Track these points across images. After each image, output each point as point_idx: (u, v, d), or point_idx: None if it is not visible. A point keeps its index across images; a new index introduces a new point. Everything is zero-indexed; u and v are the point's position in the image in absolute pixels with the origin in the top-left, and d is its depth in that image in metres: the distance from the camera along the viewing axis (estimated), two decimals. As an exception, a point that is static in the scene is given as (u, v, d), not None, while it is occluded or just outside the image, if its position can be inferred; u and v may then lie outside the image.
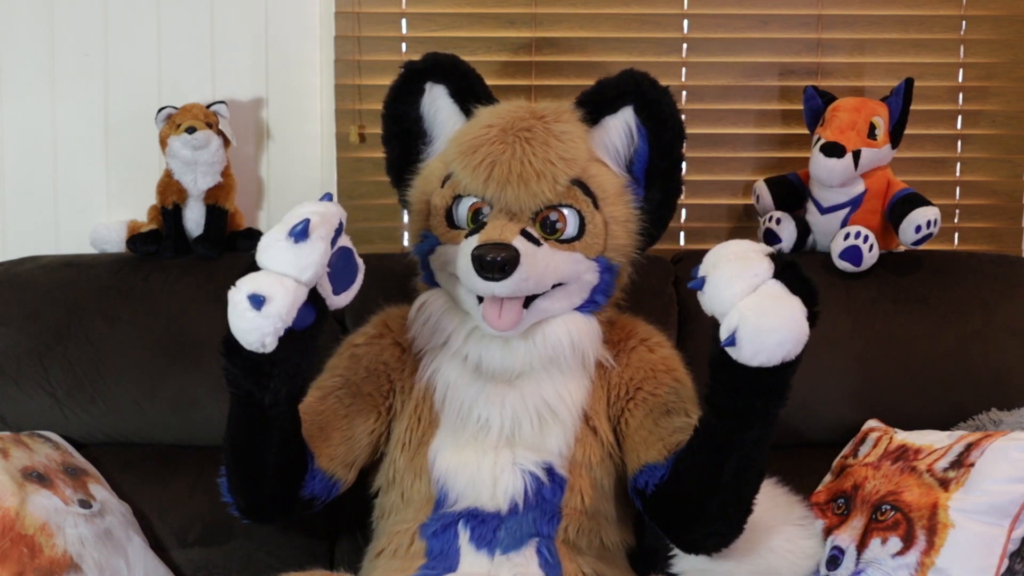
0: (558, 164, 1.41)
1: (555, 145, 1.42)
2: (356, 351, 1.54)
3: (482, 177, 1.41)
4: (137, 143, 2.05)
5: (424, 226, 1.51)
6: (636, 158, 1.51)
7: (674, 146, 1.50)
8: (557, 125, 1.44)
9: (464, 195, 1.45)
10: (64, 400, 1.75)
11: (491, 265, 1.33)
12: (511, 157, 1.40)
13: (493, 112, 1.49)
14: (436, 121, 1.57)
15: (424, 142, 1.58)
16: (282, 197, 2.09)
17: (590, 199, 1.44)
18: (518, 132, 1.42)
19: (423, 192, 1.52)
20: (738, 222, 2.11)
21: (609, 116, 1.50)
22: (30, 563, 1.43)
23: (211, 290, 1.81)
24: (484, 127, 1.44)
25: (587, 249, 1.45)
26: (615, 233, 1.48)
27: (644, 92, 1.49)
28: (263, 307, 1.17)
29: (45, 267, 1.86)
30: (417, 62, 1.57)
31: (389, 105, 1.59)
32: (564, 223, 1.43)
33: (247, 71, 2.06)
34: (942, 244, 2.07)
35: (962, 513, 1.43)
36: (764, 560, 1.46)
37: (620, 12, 2.06)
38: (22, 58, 2.04)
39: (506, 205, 1.41)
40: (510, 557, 1.36)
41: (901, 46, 2.07)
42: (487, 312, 1.38)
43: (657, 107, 1.48)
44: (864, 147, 1.83)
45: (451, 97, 1.55)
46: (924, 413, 1.72)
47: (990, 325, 1.78)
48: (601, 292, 1.49)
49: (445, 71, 1.56)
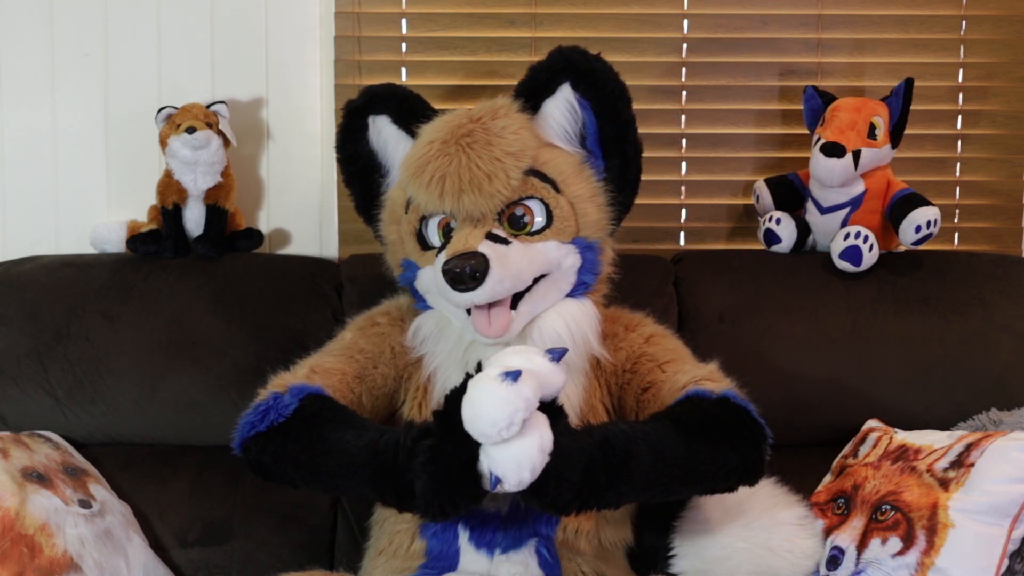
0: (506, 160, 1.41)
1: (498, 143, 1.42)
2: (379, 329, 1.55)
3: (436, 193, 1.40)
4: (137, 143, 2.04)
5: (402, 255, 1.53)
6: (586, 131, 1.50)
7: (619, 109, 1.48)
8: (495, 123, 1.44)
9: (428, 215, 1.46)
10: (64, 400, 1.75)
11: (460, 276, 1.33)
12: (458, 166, 1.40)
13: (433, 127, 1.48)
14: (387, 151, 1.59)
15: (381, 174, 1.61)
16: (282, 197, 2.09)
17: (549, 185, 1.44)
18: (459, 140, 1.41)
19: (392, 222, 1.54)
20: (738, 222, 2.11)
21: (548, 99, 1.49)
22: (30, 563, 1.43)
23: (211, 290, 1.82)
24: (426, 144, 1.44)
25: (560, 235, 1.45)
26: (584, 211, 1.47)
27: (576, 65, 1.47)
28: (519, 379, 1.13)
29: (45, 267, 1.86)
30: (354, 100, 1.60)
31: (340, 148, 1.62)
32: (531, 215, 1.44)
33: (247, 71, 2.06)
34: (942, 244, 2.07)
35: (962, 513, 1.43)
36: (764, 560, 1.46)
37: (620, 12, 2.06)
38: (22, 58, 2.04)
39: (467, 214, 1.41)
40: (509, 557, 1.36)
41: (901, 46, 2.07)
42: (477, 322, 1.39)
43: (592, 76, 1.47)
44: (864, 147, 1.83)
45: (395, 124, 1.57)
46: (924, 413, 1.73)
47: (990, 325, 1.78)
48: (588, 271, 1.49)
49: (383, 101, 1.57)
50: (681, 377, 1.43)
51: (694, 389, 1.39)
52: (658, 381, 1.45)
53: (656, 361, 1.48)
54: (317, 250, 2.10)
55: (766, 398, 1.76)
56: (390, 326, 1.55)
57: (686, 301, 1.85)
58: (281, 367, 1.75)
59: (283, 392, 1.37)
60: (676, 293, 1.85)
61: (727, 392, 1.38)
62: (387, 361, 1.51)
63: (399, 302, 1.60)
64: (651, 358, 1.49)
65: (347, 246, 2.07)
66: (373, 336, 1.53)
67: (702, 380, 1.41)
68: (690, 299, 1.85)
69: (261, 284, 1.84)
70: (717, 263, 1.90)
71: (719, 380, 1.43)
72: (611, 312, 1.57)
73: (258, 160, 2.09)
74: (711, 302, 1.83)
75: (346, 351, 1.51)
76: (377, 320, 1.56)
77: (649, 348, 1.50)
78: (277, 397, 1.36)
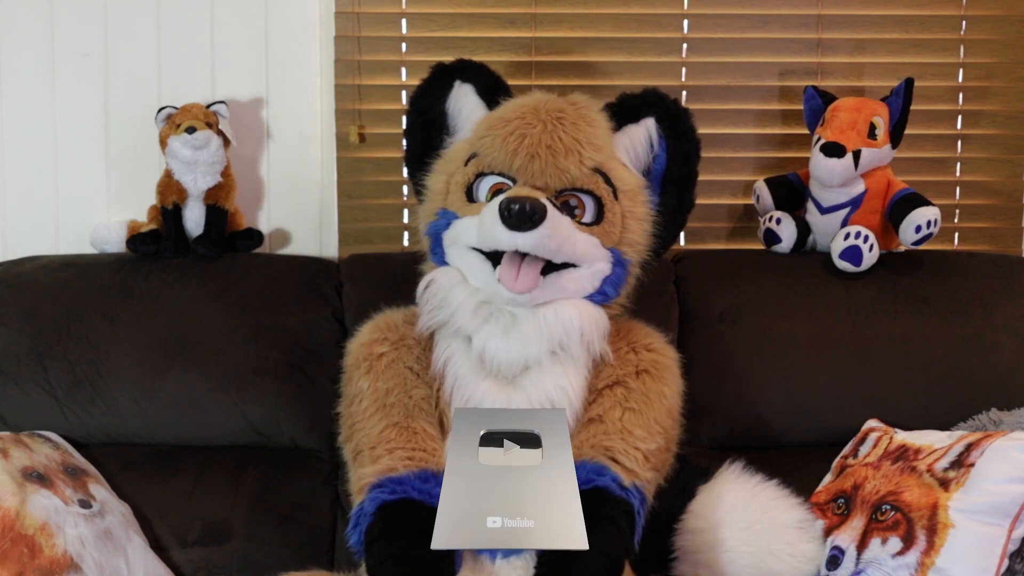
0: (585, 146, 1.46)
1: (584, 129, 1.47)
2: (387, 359, 1.50)
3: (511, 147, 1.44)
4: (137, 143, 2.05)
5: (441, 205, 1.53)
6: (654, 165, 1.57)
7: (691, 157, 1.57)
8: (587, 112, 1.50)
9: (487, 172, 1.48)
10: (64, 400, 1.74)
11: (519, 213, 1.34)
12: (542, 131, 1.44)
13: (522, 98, 1.53)
14: (461, 116, 1.62)
15: (447, 133, 1.63)
16: (282, 197, 2.09)
17: (611, 188, 1.48)
18: (549, 111, 1.47)
19: (444, 172, 1.55)
20: (738, 222, 2.11)
21: (631, 124, 1.56)
22: (30, 563, 1.43)
23: (211, 290, 1.82)
24: (516, 106, 1.50)
25: (604, 236, 1.47)
26: (631, 228, 1.51)
27: (667, 106, 1.56)
28: None
29: (45, 267, 1.86)
30: (448, 63, 1.64)
31: (416, 99, 1.65)
32: (583, 209, 1.47)
33: (247, 71, 2.06)
34: (942, 244, 2.07)
35: (962, 513, 1.43)
36: (765, 563, 1.46)
37: (620, 12, 2.06)
38: (22, 58, 2.04)
39: (531, 178, 1.44)
40: (510, 561, 1.36)
41: (901, 46, 2.07)
42: (504, 274, 1.39)
43: (678, 120, 1.55)
44: (864, 147, 1.83)
45: (478, 95, 1.61)
46: (924, 413, 1.73)
47: (990, 325, 1.78)
48: (611, 284, 1.50)
49: (475, 72, 1.62)
50: (616, 440, 1.41)
51: (598, 482, 1.37)
52: (608, 421, 1.43)
53: (623, 403, 1.45)
54: (317, 250, 2.10)
55: (766, 398, 1.77)
56: (394, 350, 1.51)
57: (686, 301, 1.85)
58: (281, 367, 1.77)
59: (363, 500, 1.37)
60: (676, 293, 1.86)
61: (607, 484, 1.36)
62: (413, 383, 1.48)
63: (389, 320, 1.55)
64: (623, 395, 1.46)
65: (347, 246, 2.08)
66: (385, 371, 1.49)
67: (617, 456, 1.39)
68: (690, 299, 1.85)
69: (261, 284, 1.84)
70: (717, 263, 1.90)
71: (640, 465, 1.41)
72: (624, 323, 1.56)
73: (258, 160, 2.09)
74: (711, 302, 1.83)
75: (377, 404, 1.47)
76: (378, 351, 1.51)
77: (632, 383, 1.47)
78: (360, 512, 1.37)
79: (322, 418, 1.67)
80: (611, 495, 1.35)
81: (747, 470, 1.57)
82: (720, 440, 1.76)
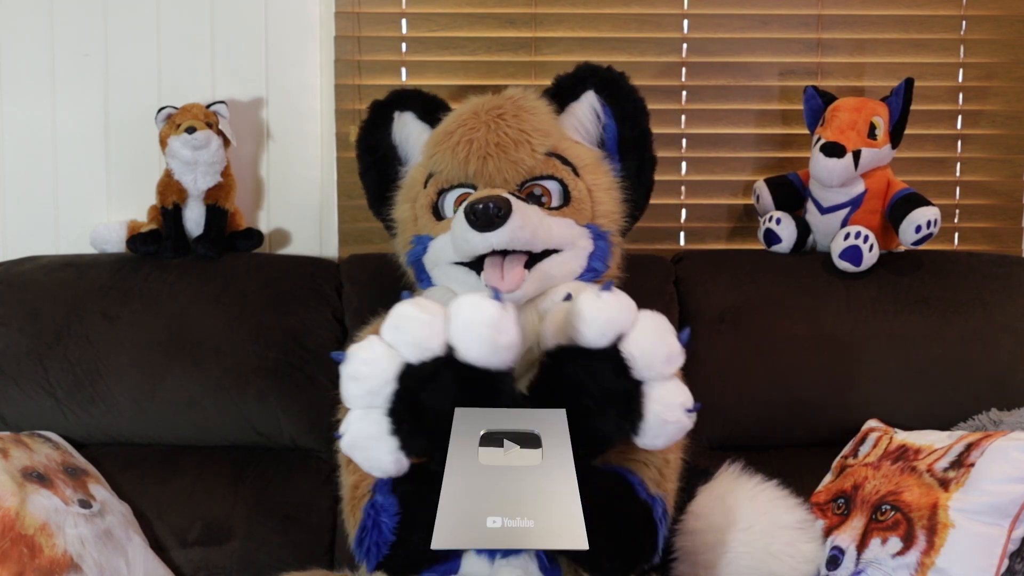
0: (533, 135, 1.47)
1: (527, 119, 1.49)
2: None
3: (461, 156, 1.46)
4: (137, 143, 2.05)
5: (413, 232, 1.55)
6: (606, 135, 1.58)
7: (639, 117, 1.58)
8: (525, 102, 1.51)
9: (448, 188, 1.49)
10: (64, 400, 1.75)
11: (484, 212, 1.34)
12: (487, 132, 1.46)
13: (459, 107, 1.55)
14: (408, 143, 1.65)
15: (400, 163, 1.66)
16: (282, 197, 2.09)
17: (569, 167, 1.49)
18: (488, 112, 1.48)
19: (407, 201, 1.57)
20: (738, 222, 2.11)
21: (573, 103, 1.57)
22: (30, 563, 1.43)
23: (211, 290, 1.82)
24: (455, 117, 1.52)
25: (577, 215, 1.48)
26: (600, 199, 1.51)
27: (601, 75, 1.57)
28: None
29: (45, 267, 1.86)
30: (380, 100, 1.68)
31: (362, 140, 1.69)
32: (548, 196, 1.48)
33: (247, 71, 2.06)
34: (942, 244, 2.07)
35: (962, 513, 1.43)
36: (765, 564, 1.46)
37: (620, 12, 2.06)
38: (22, 58, 2.04)
39: (490, 180, 1.45)
40: (510, 561, 1.36)
41: (901, 46, 2.07)
42: (489, 276, 1.40)
43: (616, 85, 1.57)
44: (864, 147, 1.83)
45: (420, 120, 1.64)
46: (924, 413, 1.73)
47: (990, 325, 1.78)
48: (598, 259, 1.50)
49: (410, 100, 1.66)
50: (639, 454, 1.40)
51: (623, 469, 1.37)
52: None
53: None
54: (317, 250, 2.10)
55: (766, 398, 1.77)
56: None
57: (686, 301, 1.85)
58: (281, 367, 1.76)
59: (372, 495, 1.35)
60: (676, 293, 1.86)
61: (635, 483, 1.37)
62: None
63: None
64: None
65: (347, 246, 2.08)
66: None
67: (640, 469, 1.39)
68: (690, 299, 1.85)
69: (261, 284, 1.84)
70: (717, 263, 1.90)
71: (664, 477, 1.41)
72: None
73: (258, 160, 2.09)
74: (711, 302, 1.83)
75: None
76: None
77: None
78: (372, 506, 1.35)
79: (322, 418, 1.67)
80: (636, 493, 1.36)
81: (747, 471, 1.57)
82: (720, 440, 1.76)
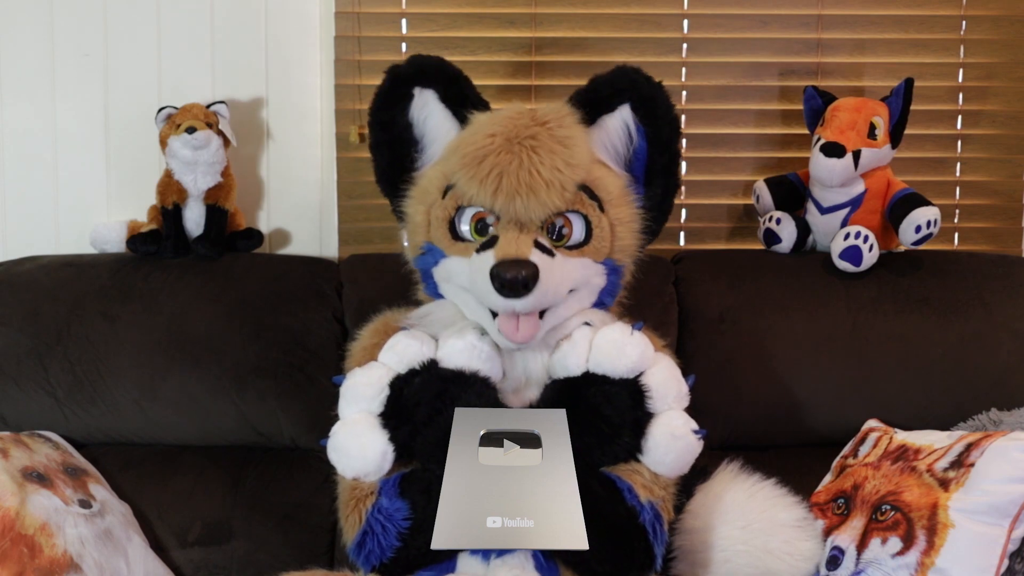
0: (565, 171, 1.38)
1: (561, 152, 1.39)
2: None
3: (490, 189, 1.37)
4: (137, 143, 2.05)
5: (425, 238, 1.47)
6: (635, 156, 1.50)
7: (672, 142, 1.49)
8: (561, 130, 1.41)
9: (467, 206, 1.42)
10: (64, 400, 1.75)
11: (512, 283, 1.30)
12: (519, 167, 1.36)
13: (493, 120, 1.43)
14: (427, 127, 1.52)
15: (416, 149, 1.54)
16: (282, 197, 2.09)
17: (596, 203, 1.43)
18: (523, 140, 1.38)
19: (422, 203, 1.48)
20: (738, 222, 2.11)
21: (606, 115, 1.48)
22: (30, 563, 1.43)
23: (211, 290, 1.82)
24: (487, 136, 1.39)
25: (595, 253, 1.43)
26: (620, 235, 1.46)
27: (640, 89, 1.47)
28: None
29: (45, 267, 1.86)
30: (402, 66, 1.51)
31: (376, 112, 1.54)
32: (570, 229, 1.41)
33: (247, 71, 2.06)
34: (942, 244, 2.07)
35: (962, 513, 1.43)
36: (763, 562, 1.46)
37: (620, 12, 2.06)
38: (22, 58, 2.04)
39: (515, 216, 1.37)
40: (506, 561, 1.36)
41: (901, 46, 2.07)
42: (504, 326, 1.35)
43: (653, 104, 1.47)
44: (864, 147, 1.83)
45: (442, 102, 1.51)
46: (924, 413, 1.73)
47: (990, 325, 1.78)
48: (608, 294, 1.48)
49: (433, 75, 1.50)
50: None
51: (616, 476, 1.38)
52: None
53: None
54: (317, 250, 2.10)
55: (766, 398, 1.77)
56: None
57: (686, 301, 1.85)
58: (281, 367, 1.76)
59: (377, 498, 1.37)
60: (676, 293, 1.86)
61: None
62: None
63: (390, 323, 1.52)
64: None
65: (347, 246, 2.08)
66: None
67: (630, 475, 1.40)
68: (690, 299, 1.85)
69: (261, 284, 1.84)
70: (717, 263, 1.90)
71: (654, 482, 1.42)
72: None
73: (258, 160, 2.09)
74: (711, 302, 1.83)
75: None
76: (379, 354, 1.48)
77: None
78: (379, 510, 1.36)
79: (322, 418, 1.66)
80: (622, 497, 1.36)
81: (745, 469, 1.57)
82: (720, 440, 1.76)
